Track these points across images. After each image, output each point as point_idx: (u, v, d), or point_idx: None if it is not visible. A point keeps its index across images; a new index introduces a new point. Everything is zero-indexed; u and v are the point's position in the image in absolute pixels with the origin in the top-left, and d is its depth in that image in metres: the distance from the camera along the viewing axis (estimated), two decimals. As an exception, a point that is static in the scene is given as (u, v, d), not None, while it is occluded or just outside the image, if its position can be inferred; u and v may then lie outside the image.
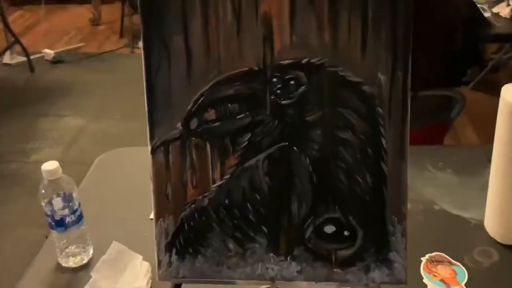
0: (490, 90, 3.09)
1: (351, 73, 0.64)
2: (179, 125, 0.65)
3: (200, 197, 0.67)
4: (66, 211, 0.79)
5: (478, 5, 1.76)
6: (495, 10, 1.83)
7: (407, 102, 0.64)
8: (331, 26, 0.63)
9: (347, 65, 0.64)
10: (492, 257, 0.80)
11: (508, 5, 1.85)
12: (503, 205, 0.79)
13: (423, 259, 0.78)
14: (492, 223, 0.83)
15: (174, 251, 0.68)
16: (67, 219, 0.79)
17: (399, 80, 0.63)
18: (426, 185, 0.98)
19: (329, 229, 0.68)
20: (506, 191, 0.78)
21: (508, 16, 1.80)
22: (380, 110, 0.64)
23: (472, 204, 0.89)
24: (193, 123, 0.65)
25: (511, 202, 0.78)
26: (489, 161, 0.81)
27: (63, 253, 0.82)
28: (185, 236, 0.68)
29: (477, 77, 3.09)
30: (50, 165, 0.77)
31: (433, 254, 0.80)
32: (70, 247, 0.82)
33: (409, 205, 0.94)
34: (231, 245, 0.68)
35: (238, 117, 0.65)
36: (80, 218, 0.81)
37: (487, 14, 1.75)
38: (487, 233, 0.84)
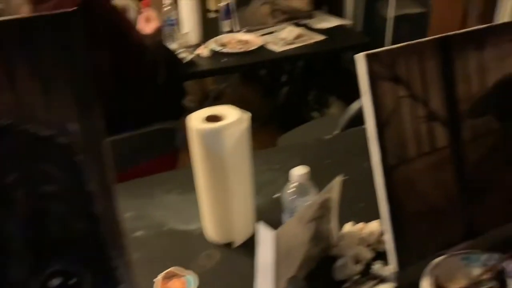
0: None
1: (41, 128, 0.59)
2: None
3: None
4: None
5: (182, 50, 1.90)
6: (196, 52, 1.99)
7: (104, 145, 0.63)
8: (11, 88, 0.57)
9: (36, 122, 0.59)
10: (215, 258, 0.85)
11: (206, 46, 2.02)
12: (211, 212, 0.85)
13: (155, 280, 0.78)
14: (208, 229, 0.88)
15: None
16: None
17: (91, 128, 0.62)
18: (157, 210, 0.99)
19: (56, 281, 0.62)
20: (210, 201, 0.83)
21: (207, 56, 1.98)
22: (78, 158, 0.61)
23: (195, 217, 0.92)
24: None
25: (216, 209, 0.84)
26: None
27: None
28: None
29: (203, 107, 3.33)
30: None
31: (167, 271, 0.80)
32: None
33: (141, 232, 0.94)
34: None
35: None
36: None
37: (191, 56, 1.89)
38: (207, 239, 0.89)
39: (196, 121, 0.77)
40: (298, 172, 0.78)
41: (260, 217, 0.93)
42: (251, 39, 2.13)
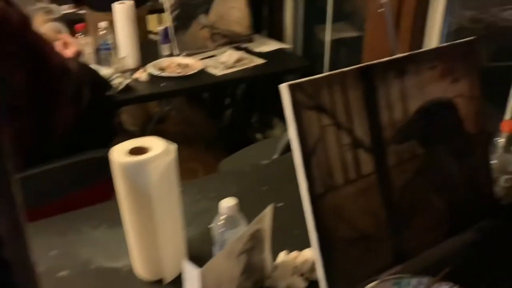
0: (162, 137, 3.33)
1: None
2: None
3: None
4: None
5: (118, 74, 1.86)
6: (135, 76, 1.95)
7: (13, 183, 0.59)
8: None
9: None
10: (144, 296, 0.81)
11: (144, 70, 1.99)
12: (139, 249, 0.81)
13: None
14: (137, 266, 0.84)
15: None
16: None
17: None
18: (84, 246, 0.94)
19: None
20: (138, 237, 0.80)
21: (145, 80, 1.94)
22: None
23: (124, 254, 0.88)
24: None
25: (144, 245, 0.80)
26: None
27: None
28: None
29: (147, 131, 3.28)
30: None
31: (91, 314, 0.75)
32: None
33: (66, 272, 0.88)
34: None
35: None
36: None
37: (127, 81, 1.85)
38: (136, 276, 0.85)
39: (118, 154, 0.74)
40: (227, 204, 0.76)
41: (193, 250, 0.91)
42: (191, 63, 2.12)
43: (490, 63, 1.96)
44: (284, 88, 0.70)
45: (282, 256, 0.88)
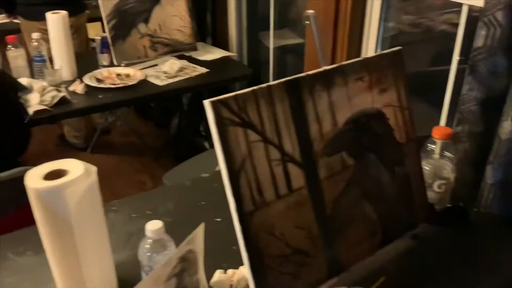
0: (108, 149, 3.24)
1: None
2: None
3: None
4: None
5: (51, 88, 1.78)
6: (71, 88, 1.88)
7: None
8: None
9: None
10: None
11: (81, 82, 1.92)
12: (63, 276, 0.77)
13: None
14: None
15: None
16: None
17: None
18: (8, 275, 0.89)
19: None
20: (60, 264, 0.76)
21: (82, 92, 1.87)
22: None
23: (50, 281, 0.83)
24: None
25: (68, 272, 0.76)
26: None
27: None
28: None
29: (91, 143, 3.18)
30: None
31: None
32: None
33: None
34: None
35: None
36: None
37: (62, 94, 1.77)
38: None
39: (33, 179, 0.69)
40: (152, 227, 0.73)
41: (125, 274, 0.87)
42: (131, 73, 2.07)
43: (429, 67, 2.03)
44: (207, 105, 0.69)
45: (218, 275, 0.86)
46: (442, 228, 1.04)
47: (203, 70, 2.16)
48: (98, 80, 1.99)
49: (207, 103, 0.68)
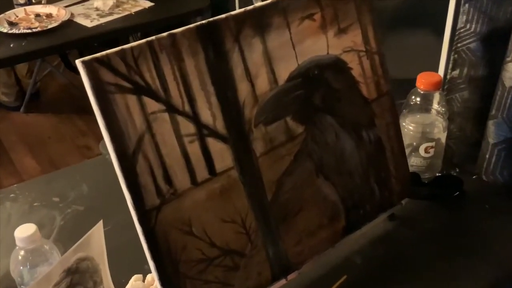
0: (45, 107, 3.15)
1: None
2: None
3: None
4: None
5: None
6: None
7: None
8: None
9: None
10: None
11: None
12: None
13: None
14: None
15: None
16: None
17: None
18: None
19: None
20: None
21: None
22: None
23: None
24: None
25: None
26: None
27: None
28: None
29: (25, 101, 3.09)
30: None
31: None
32: None
33: None
34: None
35: None
36: None
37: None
38: None
39: None
40: (23, 234, 0.66)
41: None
42: (54, 13, 1.95)
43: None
44: (80, 67, 0.59)
45: (133, 281, 0.81)
46: (429, 204, 0.98)
47: (146, 4, 2.04)
48: (11, 24, 1.87)
49: (79, 64, 0.59)
